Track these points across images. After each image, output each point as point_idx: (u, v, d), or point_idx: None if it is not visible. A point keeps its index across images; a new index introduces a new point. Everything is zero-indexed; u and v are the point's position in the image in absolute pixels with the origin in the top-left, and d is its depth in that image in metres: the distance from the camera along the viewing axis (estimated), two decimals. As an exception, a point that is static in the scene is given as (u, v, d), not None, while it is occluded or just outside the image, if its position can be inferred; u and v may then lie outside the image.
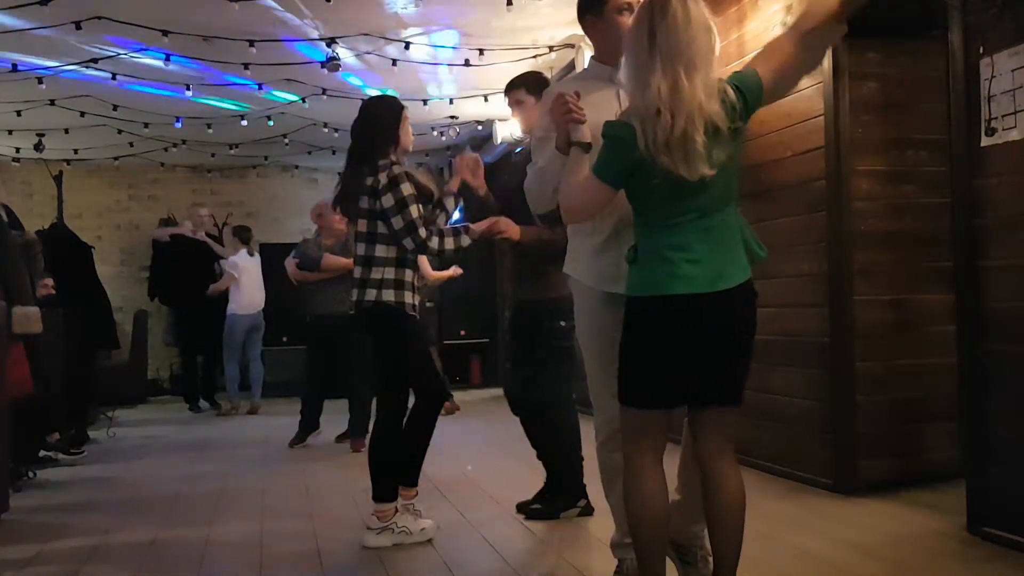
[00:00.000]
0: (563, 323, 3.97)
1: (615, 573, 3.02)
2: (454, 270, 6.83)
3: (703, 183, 2.33)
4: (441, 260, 4.77)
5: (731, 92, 2.34)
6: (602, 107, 2.59)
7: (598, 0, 2.82)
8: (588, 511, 4.09)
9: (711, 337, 2.41)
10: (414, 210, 3.66)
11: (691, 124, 2.27)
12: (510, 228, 3.92)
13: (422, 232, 3.65)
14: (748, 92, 2.39)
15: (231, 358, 8.92)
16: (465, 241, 3.78)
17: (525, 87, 4.09)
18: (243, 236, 9.26)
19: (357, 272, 3.81)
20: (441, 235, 3.72)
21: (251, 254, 9.05)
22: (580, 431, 4.07)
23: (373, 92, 7.86)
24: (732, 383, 2.50)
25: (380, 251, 3.75)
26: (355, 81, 7.56)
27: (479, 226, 3.87)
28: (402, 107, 3.94)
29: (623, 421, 2.57)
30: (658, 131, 2.27)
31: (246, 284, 8.84)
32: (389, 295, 3.74)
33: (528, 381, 4.15)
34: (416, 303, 3.85)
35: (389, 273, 3.75)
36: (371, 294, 3.73)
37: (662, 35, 2.32)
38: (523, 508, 4.25)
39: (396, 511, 3.81)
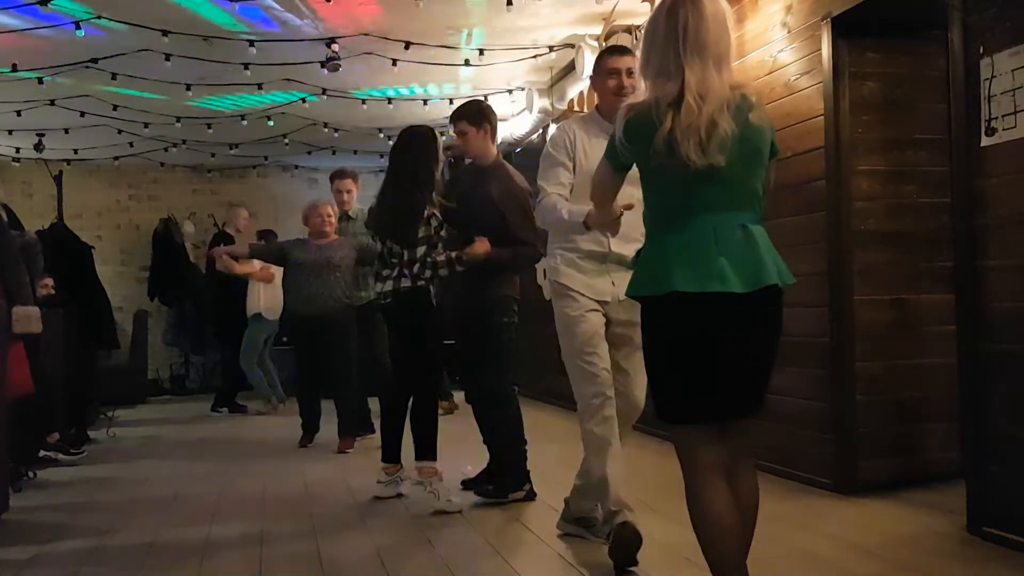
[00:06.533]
0: (506, 319, 4.50)
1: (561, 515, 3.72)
2: None
3: (711, 174, 2.31)
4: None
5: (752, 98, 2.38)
6: (598, 155, 2.70)
7: (597, 63, 3.57)
8: (532, 496, 4.45)
9: (713, 338, 2.37)
10: (420, 250, 4.44)
11: (720, 112, 2.29)
12: (483, 250, 4.42)
13: (415, 268, 4.45)
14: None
15: (253, 362, 8.68)
16: (457, 268, 4.48)
17: (466, 119, 4.58)
18: (271, 239, 9.10)
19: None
20: (435, 265, 4.46)
21: None
22: (523, 419, 4.53)
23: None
24: (751, 391, 2.45)
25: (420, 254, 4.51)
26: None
27: (469, 253, 4.45)
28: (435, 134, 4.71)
29: (674, 440, 2.50)
30: (683, 115, 2.27)
31: (275, 288, 8.34)
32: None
33: (478, 372, 4.58)
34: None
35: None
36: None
37: (692, 29, 2.34)
38: (469, 486, 4.68)
39: (436, 472, 4.41)
